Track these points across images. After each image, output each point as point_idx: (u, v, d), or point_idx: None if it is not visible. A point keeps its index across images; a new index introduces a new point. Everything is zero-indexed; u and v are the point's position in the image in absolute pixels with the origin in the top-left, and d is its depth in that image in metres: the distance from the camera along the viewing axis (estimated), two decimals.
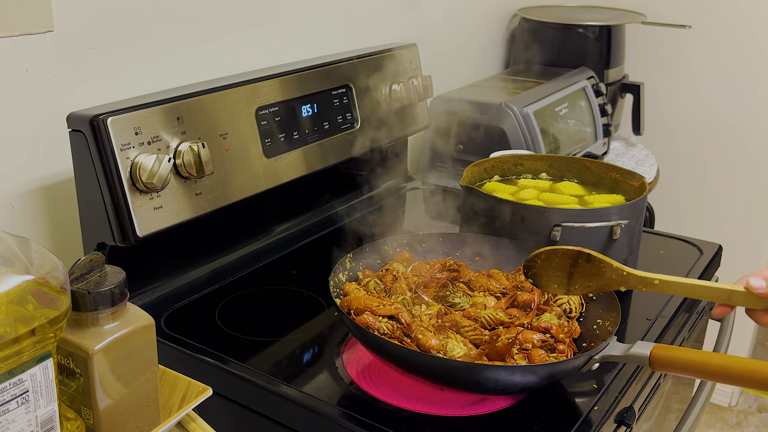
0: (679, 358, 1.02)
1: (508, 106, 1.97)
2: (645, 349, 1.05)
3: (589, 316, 1.21)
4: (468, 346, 1.12)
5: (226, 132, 1.38)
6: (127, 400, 0.90)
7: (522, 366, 1.06)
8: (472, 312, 1.19)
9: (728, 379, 0.99)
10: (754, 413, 3.21)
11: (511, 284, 1.28)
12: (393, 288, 1.25)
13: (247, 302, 1.40)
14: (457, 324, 1.15)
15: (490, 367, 1.05)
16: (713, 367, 1.00)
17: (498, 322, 1.17)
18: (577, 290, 1.14)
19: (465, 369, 1.05)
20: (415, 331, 1.12)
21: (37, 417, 0.80)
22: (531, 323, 1.17)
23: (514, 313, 1.20)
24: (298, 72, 1.56)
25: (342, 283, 1.26)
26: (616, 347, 1.08)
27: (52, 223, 1.36)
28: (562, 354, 1.11)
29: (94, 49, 1.36)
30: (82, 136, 1.22)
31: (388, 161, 1.89)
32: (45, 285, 0.78)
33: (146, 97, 1.31)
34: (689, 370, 1.02)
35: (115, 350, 0.86)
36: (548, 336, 1.13)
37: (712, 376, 1.01)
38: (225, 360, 1.19)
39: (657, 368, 1.05)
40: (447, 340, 1.10)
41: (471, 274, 1.30)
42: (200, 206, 1.34)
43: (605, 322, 1.17)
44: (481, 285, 1.27)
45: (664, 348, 1.04)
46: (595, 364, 1.08)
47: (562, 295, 1.21)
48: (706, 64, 2.78)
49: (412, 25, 2.14)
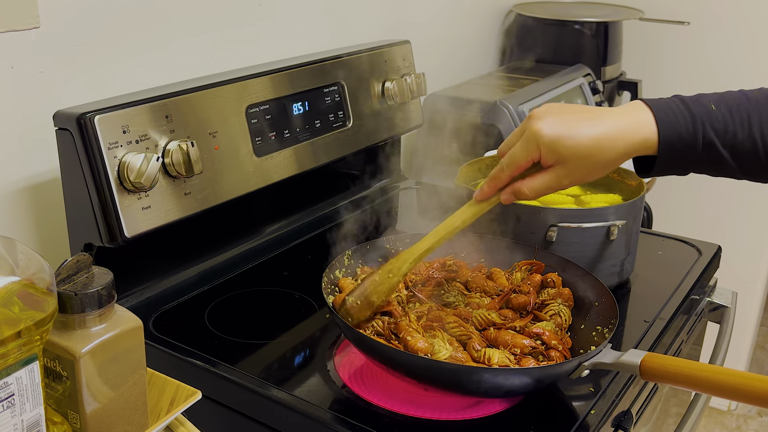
0: (670, 369, 1.00)
1: (503, 104, 1.96)
2: (636, 357, 1.03)
3: (589, 323, 1.20)
4: (454, 345, 1.10)
5: (215, 130, 1.38)
6: (114, 404, 0.89)
7: (506, 369, 1.05)
8: (464, 311, 1.18)
9: (718, 393, 0.97)
10: (754, 417, 3.20)
11: (509, 287, 1.26)
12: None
13: (237, 304, 1.39)
14: (442, 320, 1.14)
15: (474, 370, 1.04)
16: (704, 380, 0.98)
17: (489, 323, 1.16)
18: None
19: (448, 371, 1.04)
20: (403, 331, 1.10)
21: (23, 421, 0.79)
22: (524, 327, 1.15)
23: (508, 315, 1.18)
24: (289, 69, 1.55)
25: (337, 280, 1.26)
26: (607, 354, 1.06)
27: (38, 223, 1.35)
28: (552, 361, 1.09)
29: (81, 46, 1.35)
30: (68, 134, 1.21)
31: (381, 160, 1.89)
32: (31, 286, 0.78)
33: (134, 94, 1.30)
34: (680, 382, 1.00)
35: (102, 353, 0.86)
36: (538, 342, 1.11)
37: (703, 389, 0.99)
38: (215, 363, 1.18)
39: (648, 378, 1.03)
40: (433, 340, 1.09)
41: (469, 274, 1.29)
42: (189, 206, 1.33)
43: (604, 329, 1.16)
44: (477, 286, 1.26)
45: (655, 357, 1.02)
46: (585, 370, 1.06)
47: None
48: (704, 61, 2.78)
49: (405, 22, 2.13)
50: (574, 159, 1.04)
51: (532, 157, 1.06)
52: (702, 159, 1.04)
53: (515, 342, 1.10)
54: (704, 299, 1.55)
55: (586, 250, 1.36)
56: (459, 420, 1.08)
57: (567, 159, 1.04)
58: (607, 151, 1.03)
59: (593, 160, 1.04)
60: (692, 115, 1.03)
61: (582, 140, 1.03)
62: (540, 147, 1.04)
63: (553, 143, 1.03)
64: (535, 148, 1.05)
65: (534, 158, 1.06)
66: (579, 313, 1.23)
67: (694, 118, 1.03)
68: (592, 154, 1.03)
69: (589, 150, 1.03)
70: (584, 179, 1.07)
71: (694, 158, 1.04)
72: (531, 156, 1.06)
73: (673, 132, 1.03)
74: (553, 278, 1.27)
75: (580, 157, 1.03)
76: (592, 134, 1.03)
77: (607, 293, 1.19)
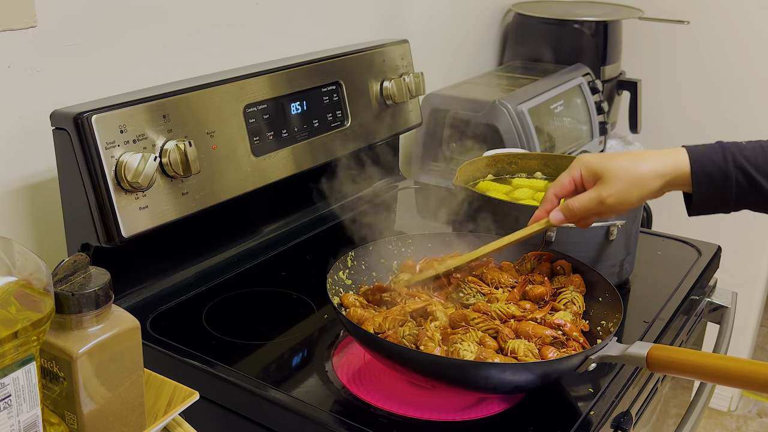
0: (677, 359, 1.02)
1: (502, 103, 1.96)
2: (642, 349, 1.04)
3: (594, 318, 1.21)
4: (486, 343, 1.09)
5: (213, 130, 1.37)
6: (111, 405, 0.89)
7: (514, 364, 1.05)
8: (483, 306, 1.17)
9: (726, 381, 0.98)
10: (753, 418, 3.19)
11: (522, 277, 1.27)
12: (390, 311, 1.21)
13: (235, 304, 1.39)
14: (466, 318, 1.13)
15: (482, 365, 1.04)
16: (711, 368, 0.99)
17: (509, 315, 1.16)
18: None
19: (455, 366, 1.04)
20: (420, 340, 1.10)
21: (19, 422, 0.79)
22: (544, 318, 1.16)
23: (527, 307, 1.19)
24: (287, 69, 1.55)
25: (342, 282, 1.26)
26: (613, 347, 1.07)
27: (35, 223, 1.35)
28: (569, 352, 1.09)
29: (78, 45, 1.34)
30: (65, 134, 1.20)
31: (379, 160, 1.89)
32: (28, 287, 0.77)
33: (131, 94, 1.30)
34: (687, 372, 1.02)
35: (99, 353, 0.86)
36: (560, 333, 1.12)
37: (711, 378, 1.00)
38: (212, 363, 1.18)
39: (654, 369, 1.04)
40: (457, 345, 1.08)
41: (483, 267, 1.29)
42: (187, 206, 1.33)
43: (608, 323, 1.16)
44: (492, 278, 1.26)
45: (661, 348, 1.03)
46: (591, 364, 1.06)
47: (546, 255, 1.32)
48: (704, 60, 2.78)
49: (403, 21, 2.13)
50: (611, 175, 1.14)
51: (573, 176, 1.19)
52: (740, 186, 1.12)
53: (536, 333, 1.11)
54: (704, 299, 1.55)
55: (586, 251, 1.36)
56: (458, 421, 1.08)
57: (604, 174, 1.15)
58: (641, 166, 1.13)
59: (629, 174, 1.13)
60: (722, 146, 1.14)
61: (618, 159, 1.15)
62: (581, 168, 1.18)
63: (591, 163, 1.17)
64: (577, 169, 1.19)
65: (575, 177, 1.19)
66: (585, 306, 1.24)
67: (724, 147, 1.14)
68: (628, 168, 1.13)
69: (625, 165, 1.14)
70: (625, 196, 1.15)
71: (729, 186, 1.13)
72: (572, 175, 1.19)
73: (703, 158, 1.13)
74: (562, 265, 1.28)
75: (617, 171, 1.14)
76: (627, 156, 1.16)
77: (611, 289, 1.20)
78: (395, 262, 1.35)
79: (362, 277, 1.30)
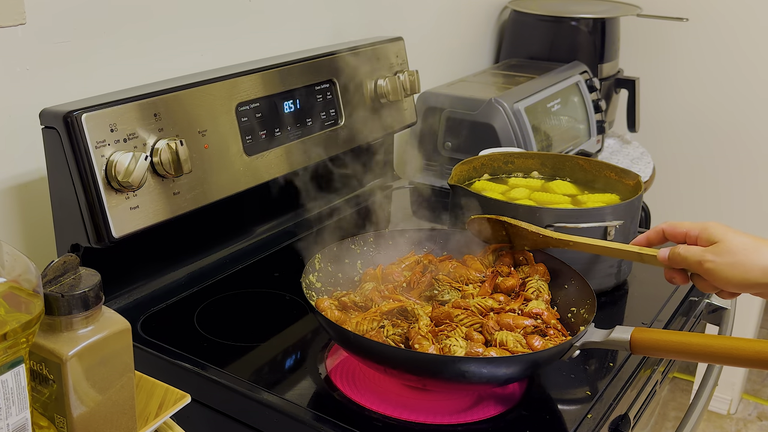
0: (660, 340, 1.05)
1: (498, 102, 1.95)
2: (625, 333, 1.07)
3: (562, 305, 1.23)
4: (473, 338, 1.11)
5: (205, 129, 1.37)
6: (102, 408, 0.88)
7: (503, 357, 1.06)
8: (462, 302, 1.19)
9: (712, 359, 1.02)
10: (753, 421, 3.18)
11: (489, 269, 1.29)
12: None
13: (226, 306, 1.38)
14: (450, 315, 1.14)
15: (481, 360, 1.04)
16: (695, 346, 1.02)
17: (488, 309, 1.18)
18: (518, 246, 1.32)
19: (442, 362, 1.05)
20: (412, 339, 1.10)
21: (8, 425, 0.79)
22: (521, 309, 1.18)
23: (501, 299, 1.21)
24: (280, 66, 1.54)
25: (312, 285, 1.26)
26: (595, 333, 1.09)
27: (24, 223, 1.34)
28: (554, 338, 1.12)
29: (68, 43, 1.34)
30: (55, 133, 1.20)
31: (373, 159, 1.89)
32: (17, 288, 0.77)
33: (122, 92, 1.29)
34: (671, 352, 1.05)
35: (89, 356, 0.85)
36: (540, 321, 1.15)
37: (695, 356, 1.04)
38: (204, 366, 1.18)
39: (638, 352, 1.07)
40: (447, 341, 1.08)
41: (449, 266, 1.30)
42: (178, 206, 1.32)
43: (580, 310, 1.19)
44: (460, 275, 1.27)
45: (644, 331, 1.06)
46: (576, 351, 1.09)
47: (507, 247, 1.34)
48: (703, 58, 2.78)
49: (398, 18, 2.12)
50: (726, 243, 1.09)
51: (691, 228, 1.14)
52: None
53: (517, 323, 1.13)
54: (703, 301, 1.54)
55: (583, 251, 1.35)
56: (453, 424, 1.07)
57: (721, 240, 1.09)
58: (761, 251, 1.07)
59: (743, 253, 1.08)
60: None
61: (742, 235, 1.09)
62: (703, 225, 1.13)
63: (714, 225, 1.11)
64: (700, 224, 1.14)
65: (691, 229, 1.14)
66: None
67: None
68: (746, 247, 1.08)
69: (745, 242, 1.08)
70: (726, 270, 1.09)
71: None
72: (688, 226, 1.15)
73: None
74: (524, 255, 1.31)
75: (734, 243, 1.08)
76: (754, 237, 1.09)
77: (576, 275, 1.23)
78: (359, 262, 1.35)
79: (330, 279, 1.30)
